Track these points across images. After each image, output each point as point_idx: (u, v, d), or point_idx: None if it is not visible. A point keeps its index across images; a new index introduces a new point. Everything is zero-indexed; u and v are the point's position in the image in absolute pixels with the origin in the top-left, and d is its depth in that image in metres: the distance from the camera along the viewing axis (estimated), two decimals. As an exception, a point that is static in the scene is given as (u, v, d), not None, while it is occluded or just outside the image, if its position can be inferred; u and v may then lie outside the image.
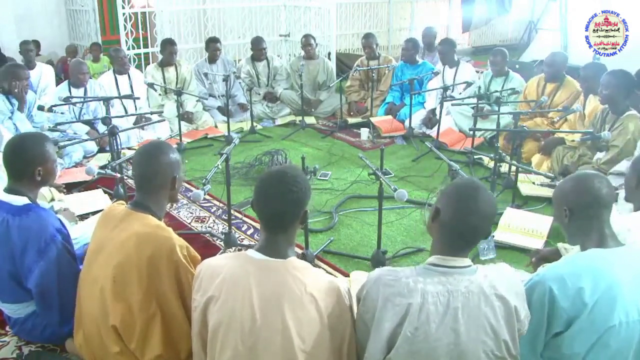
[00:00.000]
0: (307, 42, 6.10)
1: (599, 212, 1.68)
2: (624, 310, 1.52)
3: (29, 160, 2.12)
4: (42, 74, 5.50)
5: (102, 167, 2.99)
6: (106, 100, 4.00)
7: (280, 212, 1.59)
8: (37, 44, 7.26)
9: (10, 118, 4.23)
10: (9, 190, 2.15)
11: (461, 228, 1.50)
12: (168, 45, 5.53)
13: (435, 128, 4.97)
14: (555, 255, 2.60)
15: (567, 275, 1.57)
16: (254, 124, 5.53)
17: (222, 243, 3.24)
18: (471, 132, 4.46)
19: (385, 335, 1.44)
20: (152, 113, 4.84)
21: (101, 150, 4.76)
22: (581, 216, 1.70)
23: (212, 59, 5.95)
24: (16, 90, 4.19)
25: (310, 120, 5.93)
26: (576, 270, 1.58)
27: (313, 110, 6.14)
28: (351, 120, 5.73)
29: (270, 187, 1.60)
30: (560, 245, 2.56)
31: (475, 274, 1.48)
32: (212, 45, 5.89)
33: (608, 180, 1.73)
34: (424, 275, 1.47)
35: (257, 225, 3.48)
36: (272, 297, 1.51)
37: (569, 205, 1.72)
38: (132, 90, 5.20)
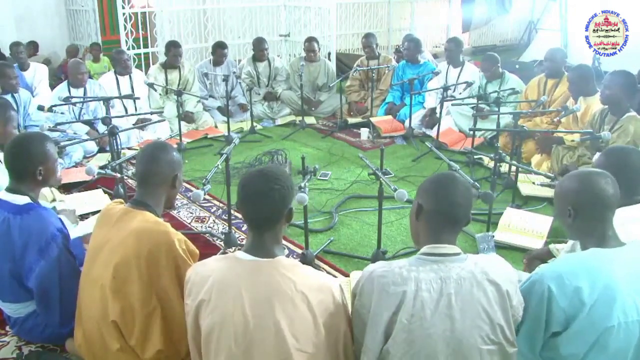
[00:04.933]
0: (310, 47, 6.07)
1: (604, 213, 1.65)
2: (623, 310, 1.51)
3: (30, 160, 2.13)
4: (35, 74, 5.49)
5: (102, 167, 2.98)
6: (106, 101, 4.00)
7: (264, 211, 1.59)
8: (34, 44, 7.27)
9: None
10: (10, 189, 2.15)
11: (443, 208, 1.56)
12: (172, 48, 5.51)
13: (435, 128, 4.97)
14: (547, 255, 2.61)
15: (565, 274, 1.56)
16: (254, 124, 5.53)
17: (222, 243, 3.24)
18: (471, 132, 4.46)
19: (382, 325, 1.46)
20: (152, 113, 4.84)
21: (101, 150, 4.76)
22: (585, 217, 1.67)
23: (217, 63, 5.94)
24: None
25: (310, 120, 5.93)
26: (574, 269, 1.58)
27: (313, 109, 6.14)
28: (351, 120, 5.73)
29: (253, 186, 1.60)
30: (552, 246, 2.57)
31: (465, 261, 1.51)
32: (219, 51, 5.87)
33: (614, 180, 1.69)
34: (417, 265, 1.50)
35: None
36: (262, 298, 1.51)
37: (573, 205, 1.68)
38: (133, 91, 5.21)
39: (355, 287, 1.59)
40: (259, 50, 6.08)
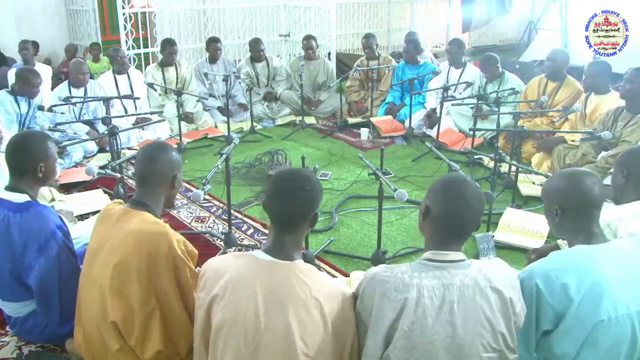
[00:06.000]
0: (308, 45, 6.09)
1: (590, 212, 1.68)
2: (612, 305, 1.52)
3: (31, 157, 2.14)
4: (40, 74, 5.51)
5: (102, 167, 2.99)
6: (106, 101, 4.01)
7: (291, 209, 1.60)
8: (35, 44, 7.27)
9: (18, 121, 4.28)
10: (9, 188, 2.16)
11: (452, 218, 1.52)
12: (168, 45, 5.54)
13: (435, 128, 4.97)
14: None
15: (552, 271, 1.58)
16: (254, 124, 5.53)
17: (222, 243, 3.24)
18: (471, 132, 4.45)
19: (383, 330, 1.45)
20: (152, 113, 4.84)
21: (101, 150, 4.76)
22: (572, 216, 1.69)
23: (212, 59, 5.95)
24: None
25: (310, 120, 5.93)
26: (561, 266, 1.59)
27: (313, 109, 6.14)
28: (351, 120, 5.73)
29: (283, 184, 1.62)
30: (560, 241, 2.56)
31: (469, 268, 1.49)
32: (213, 45, 5.90)
33: (599, 178, 1.72)
34: (419, 270, 1.49)
35: (257, 225, 3.48)
36: (276, 299, 1.51)
37: (560, 205, 1.71)
38: (132, 90, 5.22)
39: (357, 289, 1.59)
40: (256, 51, 6.10)
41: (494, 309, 1.45)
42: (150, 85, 5.08)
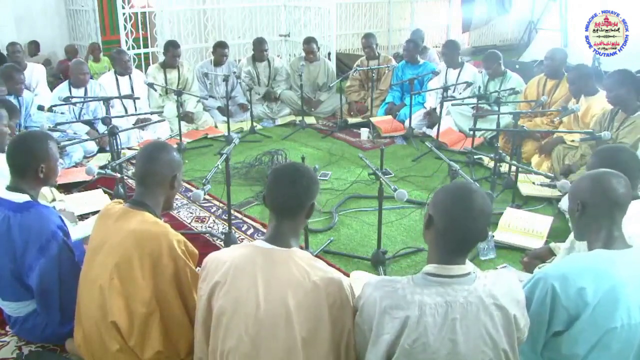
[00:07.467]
0: (309, 49, 6.07)
1: (612, 211, 1.66)
2: (627, 311, 1.52)
3: (33, 157, 2.14)
4: (32, 74, 5.51)
5: (102, 167, 2.99)
6: (106, 101, 4.00)
7: (289, 197, 1.65)
8: (35, 44, 7.27)
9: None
10: (11, 187, 2.16)
11: (457, 235, 1.46)
12: (171, 48, 5.51)
13: (435, 128, 4.97)
14: (547, 254, 2.61)
15: (569, 274, 1.56)
16: (254, 124, 5.53)
17: (222, 243, 3.24)
18: (471, 132, 4.46)
19: (384, 347, 1.43)
20: (152, 113, 4.84)
21: (101, 150, 4.76)
22: (592, 213, 1.68)
23: (218, 63, 5.95)
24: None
25: (310, 120, 5.93)
26: (579, 270, 1.58)
27: (313, 109, 6.14)
28: (351, 120, 5.73)
29: (283, 174, 1.70)
30: (552, 244, 2.58)
31: (474, 283, 1.45)
32: (220, 51, 5.88)
33: (627, 180, 1.69)
34: (422, 286, 1.45)
35: (257, 225, 3.48)
36: (277, 285, 1.54)
37: (582, 200, 1.70)
38: (133, 91, 5.21)
39: (356, 301, 1.57)
40: (259, 50, 6.08)
41: (498, 326, 1.43)
42: (151, 85, 5.08)
